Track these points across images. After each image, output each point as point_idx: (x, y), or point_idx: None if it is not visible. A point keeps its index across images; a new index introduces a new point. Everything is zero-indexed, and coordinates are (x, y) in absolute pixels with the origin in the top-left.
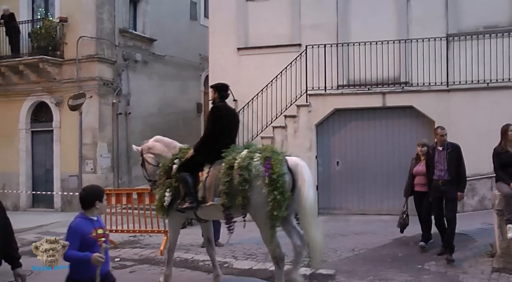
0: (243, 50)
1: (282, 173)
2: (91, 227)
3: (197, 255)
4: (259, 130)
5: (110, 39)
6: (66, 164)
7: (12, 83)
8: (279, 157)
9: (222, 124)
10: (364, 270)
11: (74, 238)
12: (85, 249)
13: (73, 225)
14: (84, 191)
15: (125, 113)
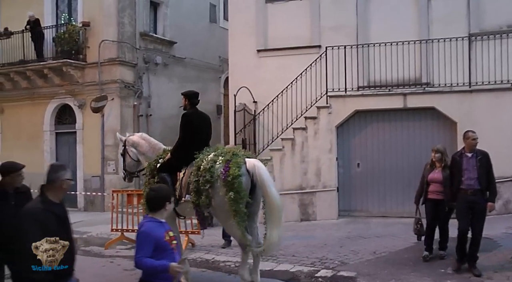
0: (263, 52)
1: (237, 175)
2: (163, 230)
3: (218, 256)
4: (279, 131)
5: (131, 42)
6: (88, 165)
7: (37, 87)
8: (238, 160)
9: (193, 130)
10: (385, 273)
11: (147, 243)
12: (158, 254)
13: (145, 230)
14: (153, 191)
15: (146, 115)
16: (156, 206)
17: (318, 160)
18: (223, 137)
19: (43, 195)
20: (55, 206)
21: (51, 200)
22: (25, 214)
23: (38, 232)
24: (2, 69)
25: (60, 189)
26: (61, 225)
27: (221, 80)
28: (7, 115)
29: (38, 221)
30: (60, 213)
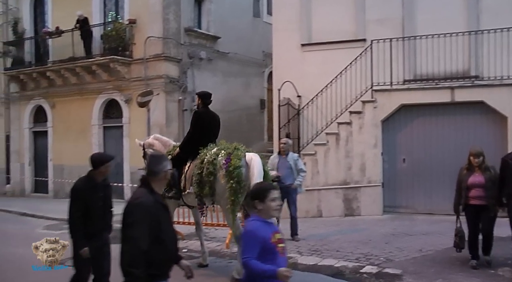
0: (307, 46)
1: (237, 166)
2: (270, 230)
3: None
4: (324, 126)
5: (176, 38)
6: (135, 158)
7: (85, 83)
8: (238, 153)
9: (201, 127)
10: (432, 272)
11: (253, 244)
12: (263, 257)
13: (251, 229)
14: (257, 184)
15: (191, 110)
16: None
17: (362, 155)
18: (267, 132)
19: (148, 187)
20: (160, 197)
21: (157, 192)
22: (139, 207)
23: (148, 226)
24: (53, 66)
25: (164, 180)
26: (167, 216)
27: (264, 74)
28: (58, 109)
29: (150, 215)
30: (164, 203)
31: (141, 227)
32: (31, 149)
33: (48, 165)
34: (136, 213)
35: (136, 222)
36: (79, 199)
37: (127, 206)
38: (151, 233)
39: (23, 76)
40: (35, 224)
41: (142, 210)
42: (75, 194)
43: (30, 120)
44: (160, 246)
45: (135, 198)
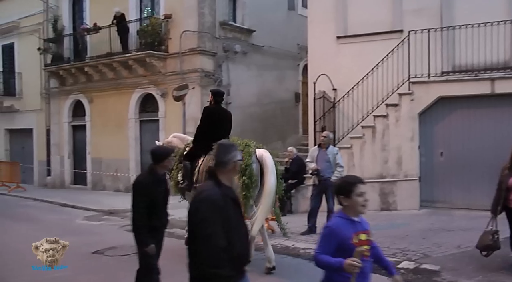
0: (343, 38)
1: (249, 163)
2: (352, 230)
3: (297, 242)
4: (359, 119)
5: (211, 32)
6: None
7: (122, 77)
8: (249, 150)
9: (211, 122)
10: (471, 269)
11: (328, 240)
12: (341, 256)
13: (330, 226)
14: (342, 178)
15: (226, 103)
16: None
17: (399, 148)
18: (301, 125)
19: (216, 179)
20: (229, 190)
21: (225, 184)
22: (206, 201)
23: (220, 221)
24: (91, 62)
25: (233, 171)
26: (237, 211)
27: (299, 67)
28: (95, 104)
29: (219, 209)
30: (234, 197)
31: (213, 222)
32: (70, 142)
33: (87, 158)
34: (203, 209)
35: (206, 218)
36: (144, 194)
37: (193, 202)
38: (224, 229)
39: (63, 72)
40: (75, 215)
41: (209, 204)
42: (139, 189)
43: (69, 115)
44: (230, 245)
45: (200, 192)
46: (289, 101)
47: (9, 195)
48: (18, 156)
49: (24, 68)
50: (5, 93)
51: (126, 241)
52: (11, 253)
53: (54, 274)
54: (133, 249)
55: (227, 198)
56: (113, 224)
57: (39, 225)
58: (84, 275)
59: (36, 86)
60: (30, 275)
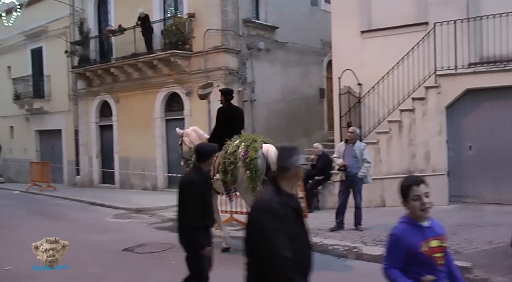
0: (367, 32)
1: (253, 158)
2: (421, 237)
3: (325, 239)
4: (386, 114)
5: (234, 29)
6: None
7: (147, 77)
8: (255, 145)
9: (225, 121)
10: (504, 265)
11: (395, 251)
12: (412, 267)
13: (395, 233)
14: (403, 179)
15: (250, 101)
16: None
17: (426, 143)
18: (327, 121)
19: (277, 185)
20: (290, 198)
21: (286, 191)
22: (262, 208)
23: (283, 231)
24: (116, 63)
25: (295, 177)
26: (299, 221)
27: (323, 63)
28: (122, 104)
29: (280, 218)
30: (295, 206)
31: (277, 233)
32: (98, 142)
33: (114, 157)
34: (265, 219)
35: (269, 229)
36: (197, 193)
37: (252, 210)
38: (284, 242)
39: (89, 73)
40: (105, 213)
41: (270, 214)
42: (192, 188)
43: (96, 115)
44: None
45: (259, 201)
46: (314, 97)
47: (40, 194)
48: (48, 156)
49: (52, 71)
50: (35, 96)
51: (155, 238)
52: None
53: (86, 271)
54: (162, 246)
55: (286, 206)
56: (141, 222)
57: (70, 223)
58: (115, 272)
59: (64, 88)
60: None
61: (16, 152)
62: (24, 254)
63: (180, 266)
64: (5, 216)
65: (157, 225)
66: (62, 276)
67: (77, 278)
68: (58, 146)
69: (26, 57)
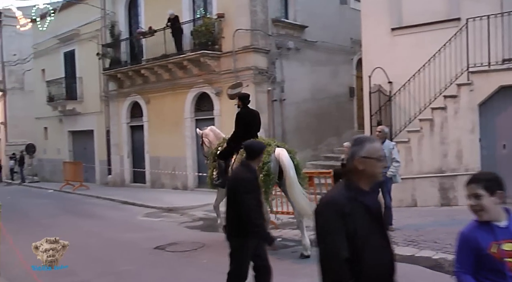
0: (397, 30)
1: (267, 161)
2: (491, 238)
3: None
4: (417, 112)
5: (263, 29)
6: None
7: (177, 78)
8: (269, 149)
9: (244, 125)
10: None
11: (463, 251)
12: (483, 270)
13: (463, 231)
14: None
15: (280, 100)
16: None
17: (459, 141)
18: (357, 120)
19: (347, 179)
20: (363, 195)
21: (358, 186)
22: (325, 203)
23: (343, 229)
24: (147, 64)
25: (369, 171)
26: (373, 221)
27: (353, 62)
28: (152, 105)
29: (343, 215)
30: (370, 204)
31: (334, 230)
32: (129, 142)
33: (145, 157)
34: (325, 214)
35: (327, 225)
36: (252, 190)
37: (318, 204)
38: (348, 238)
39: (120, 75)
40: (136, 212)
41: (331, 208)
42: (247, 185)
43: (127, 116)
44: (356, 257)
45: (326, 194)
46: (344, 96)
47: (73, 193)
48: (81, 156)
49: (84, 73)
50: (68, 97)
51: (186, 237)
52: (79, 247)
53: (119, 268)
54: (193, 245)
55: (356, 203)
56: (172, 221)
57: (103, 222)
58: (147, 269)
59: (96, 89)
60: (97, 268)
61: (50, 152)
62: None
63: (211, 265)
64: (40, 214)
65: (187, 224)
66: (96, 273)
67: (111, 275)
68: (90, 146)
69: (59, 60)
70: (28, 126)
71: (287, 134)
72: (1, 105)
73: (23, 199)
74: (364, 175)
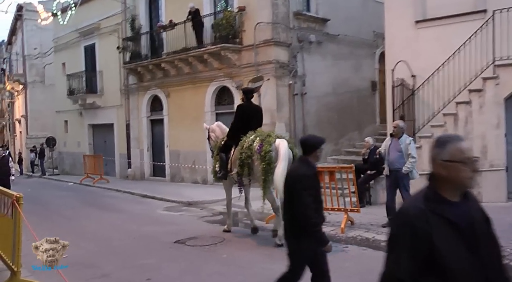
0: (421, 22)
1: (268, 151)
2: None
3: (378, 235)
4: (440, 106)
5: (285, 23)
6: None
7: (197, 71)
8: (269, 139)
9: (243, 118)
10: None
11: None
12: None
13: None
14: None
15: (301, 94)
16: None
17: (483, 137)
18: (379, 115)
19: (429, 187)
20: (448, 207)
21: (442, 197)
22: (399, 217)
23: (409, 245)
24: (167, 58)
25: (456, 177)
26: (461, 238)
27: (375, 55)
28: (172, 98)
29: (414, 230)
30: (456, 217)
31: (399, 246)
32: (149, 136)
33: (165, 151)
34: (394, 225)
35: (394, 239)
36: (311, 187)
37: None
38: (418, 257)
39: (140, 68)
40: (156, 205)
41: (402, 222)
42: (306, 182)
43: (147, 110)
44: (438, 279)
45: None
46: (366, 90)
47: (93, 186)
48: (101, 149)
49: (104, 67)
50: (88, 91)
51: (206, 231)
52: (100, 240)
53: (140, 262)
54: (213, 240)
55: (434, 217)
56: (192, 215)
57: (123, 215)
58: (168, 263)
59: (116, 83)
60: (118, 260)
61: (70, 145)
62: (80, 243)
63: (232, 259)
64: (61, 206)
65: (207, 218)
66: (117, 266)
67: (132, 268)
68: (110, 140)
69: (79, 54)
70: (49, 119)
71: (308, 129)
72: (22, 98)
73: (43, 191)
74: (448, 182)
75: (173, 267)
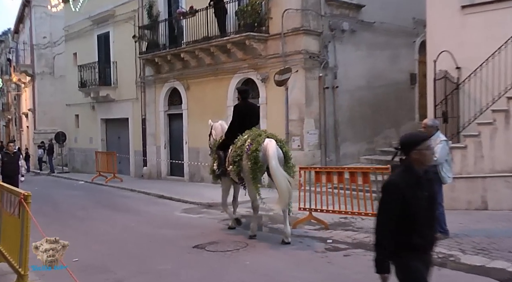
0: (469, 7)
1: (255, 149)
2: None
3: None
4: (489, 102)
5: (315, 9)
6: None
7: (220, 62)
8: (259, 139)
9: (240, 118)
10: None
11: None
12: None
13: None
14: None
15: (332, 87)
16: None
17: None
18: (418, 111)
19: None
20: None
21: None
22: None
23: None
24: (187, 47)
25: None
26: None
27: (415, 45)
28: (192, 91)
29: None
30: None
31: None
32: (167, 132)
33: (183, 148)
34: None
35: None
36: (395, 199)
37: None
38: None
39: (158, 59)
40: (173, 207)
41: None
42: (389, 192)
43: (165, 103)
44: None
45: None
46: (404, 84)
47: (106, 185)
48: (114, 146)
49: (119, 57)
50: (101, 83)
51: (228, 236)
52: (113, 242)
53: (157, 267)
54: (235, 245)
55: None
56: (213, 218)
57: (138, 216)
58: (186, 269)
59: (132, 75)
60: (133, 265)
61: (81, 141)
62: (92, 245)
63: (255, 267)
64: (72, 206)
65: (229, 221)
66: (132, 271)
67: (148, 273)
68: (124, 136)
69: (92, 43)
70: (58, 113)
71: (340, 126)
72: (30, 91)
73: (52, 190)
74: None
75: (191, 274)
